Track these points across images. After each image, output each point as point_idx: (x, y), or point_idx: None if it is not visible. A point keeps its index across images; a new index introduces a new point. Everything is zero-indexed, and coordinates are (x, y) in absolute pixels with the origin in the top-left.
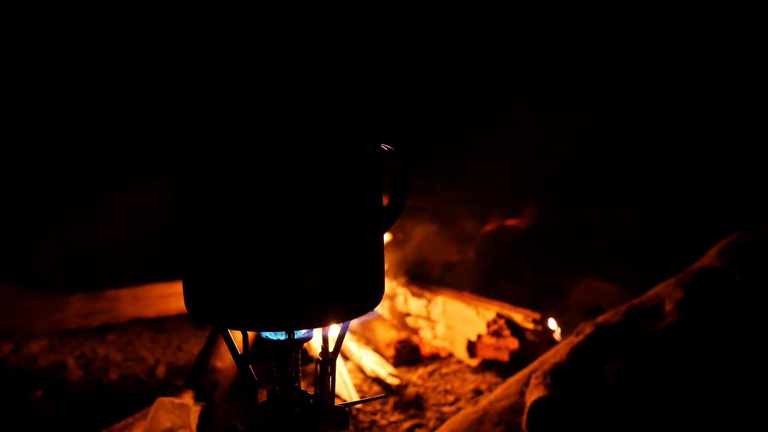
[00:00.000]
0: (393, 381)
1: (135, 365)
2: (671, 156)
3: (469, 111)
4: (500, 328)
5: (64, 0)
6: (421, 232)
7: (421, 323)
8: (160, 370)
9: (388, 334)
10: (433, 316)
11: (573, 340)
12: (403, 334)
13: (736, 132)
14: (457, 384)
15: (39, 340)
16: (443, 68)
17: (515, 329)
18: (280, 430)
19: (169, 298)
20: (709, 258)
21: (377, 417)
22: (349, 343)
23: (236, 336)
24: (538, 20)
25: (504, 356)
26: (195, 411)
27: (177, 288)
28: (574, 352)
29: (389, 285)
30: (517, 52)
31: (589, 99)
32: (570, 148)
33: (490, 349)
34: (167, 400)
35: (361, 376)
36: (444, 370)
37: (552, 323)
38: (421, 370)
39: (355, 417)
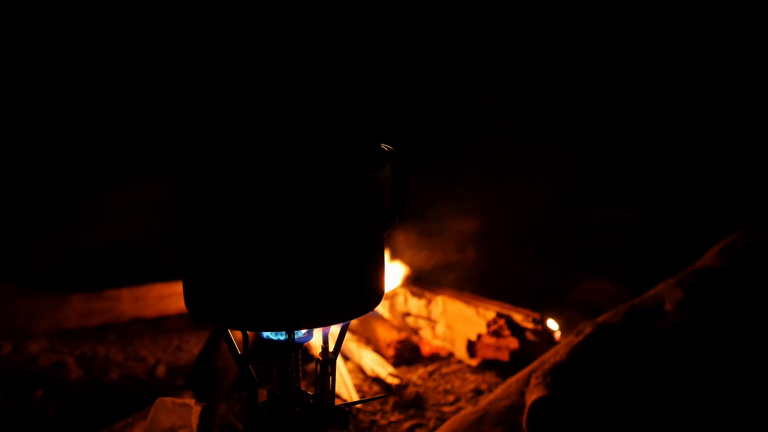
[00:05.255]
0: (393, 381)
1: (135, 365)
2: (670, 155)
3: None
4: (500, 327)
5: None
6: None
7: (421, 323)
8: (161, 370)
9: (388, 334)
10: (433, 316)
11: (573, 340)
12: (403, 334)
13: (735, 129)
14: (457, 384)
15: (39, 340)
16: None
17: (515, 329)
18: (280, 430)
19: (169, 298)
20: (709, 258)
21: (377, 417)
22: (349, 343)
23: (236, 336)
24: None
25: (504, 356)
26: (195, 411)
27: (177, 288)
28: (574, 352)
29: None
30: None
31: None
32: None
33: (490, 349)
34: (167, 399)
35: (361, 376)
36: (444, 370)
37: (552, 323)
38: (421, 370)
39: (355, 417)
